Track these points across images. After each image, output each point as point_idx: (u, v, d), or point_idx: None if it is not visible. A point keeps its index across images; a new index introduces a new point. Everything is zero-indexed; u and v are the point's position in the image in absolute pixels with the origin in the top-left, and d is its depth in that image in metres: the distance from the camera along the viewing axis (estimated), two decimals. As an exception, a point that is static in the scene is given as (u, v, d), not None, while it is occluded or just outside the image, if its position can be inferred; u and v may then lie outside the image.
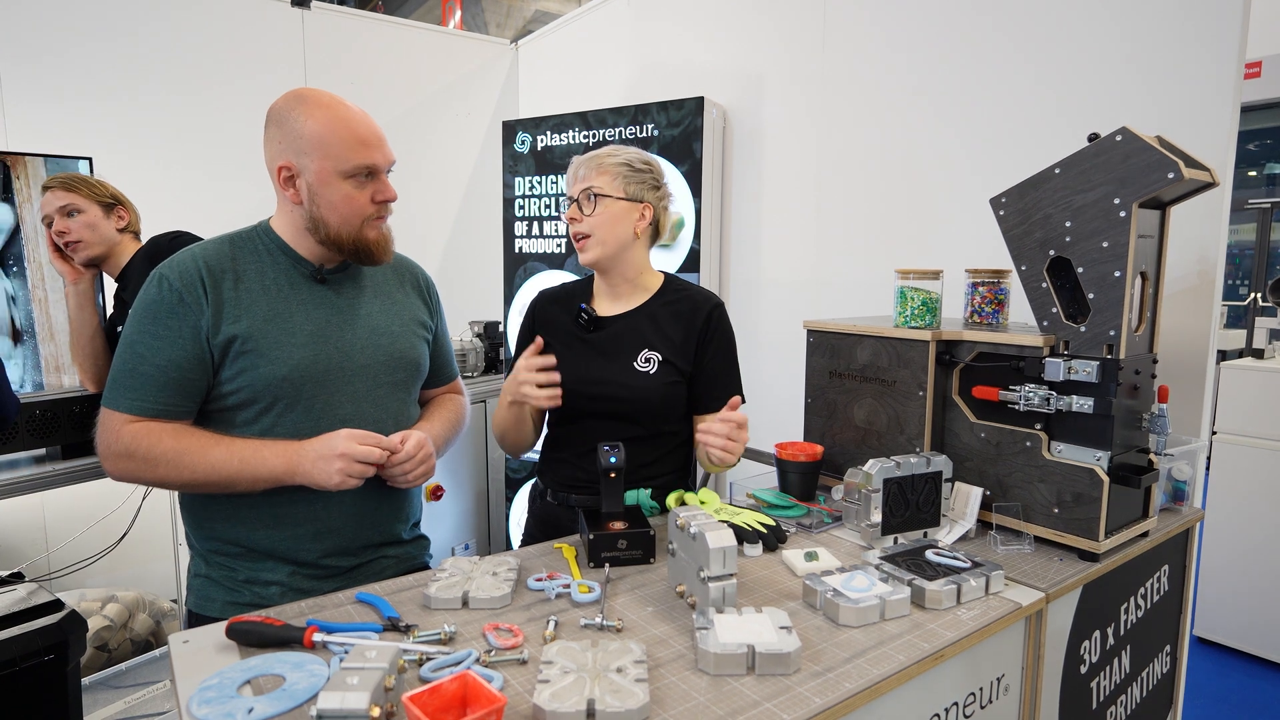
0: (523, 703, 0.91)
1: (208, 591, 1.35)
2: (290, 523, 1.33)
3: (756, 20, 2.66)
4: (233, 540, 1.34)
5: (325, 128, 1.27)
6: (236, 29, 2.94)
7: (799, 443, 1.74)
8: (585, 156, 1.57)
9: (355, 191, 1.31)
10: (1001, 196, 1.45)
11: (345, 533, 1.37)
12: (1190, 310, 1.70)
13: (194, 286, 1.26)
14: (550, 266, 3.10)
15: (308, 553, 1.35)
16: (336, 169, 1.28)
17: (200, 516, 1.36)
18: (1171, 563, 1.63)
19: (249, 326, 1.28)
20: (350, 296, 1.40)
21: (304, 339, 1.32)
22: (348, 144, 1.28)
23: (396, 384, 1.43)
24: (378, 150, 1.32)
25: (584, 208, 1.54)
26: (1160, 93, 1.73)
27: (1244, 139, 6.30)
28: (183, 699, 0.91)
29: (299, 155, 1.28)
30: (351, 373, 1.36)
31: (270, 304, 1.31)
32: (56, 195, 2.01)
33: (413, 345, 1.47)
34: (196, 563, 1.40)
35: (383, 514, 1.42)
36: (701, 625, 1.04)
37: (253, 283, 1.31)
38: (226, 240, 1.35)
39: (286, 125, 1.28)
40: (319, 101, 1.29)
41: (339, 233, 1.32)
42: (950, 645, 1.08)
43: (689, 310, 1.59)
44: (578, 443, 1.57)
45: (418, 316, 1.51)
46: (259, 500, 1.31)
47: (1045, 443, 1.40)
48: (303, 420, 1.31)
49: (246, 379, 1.28)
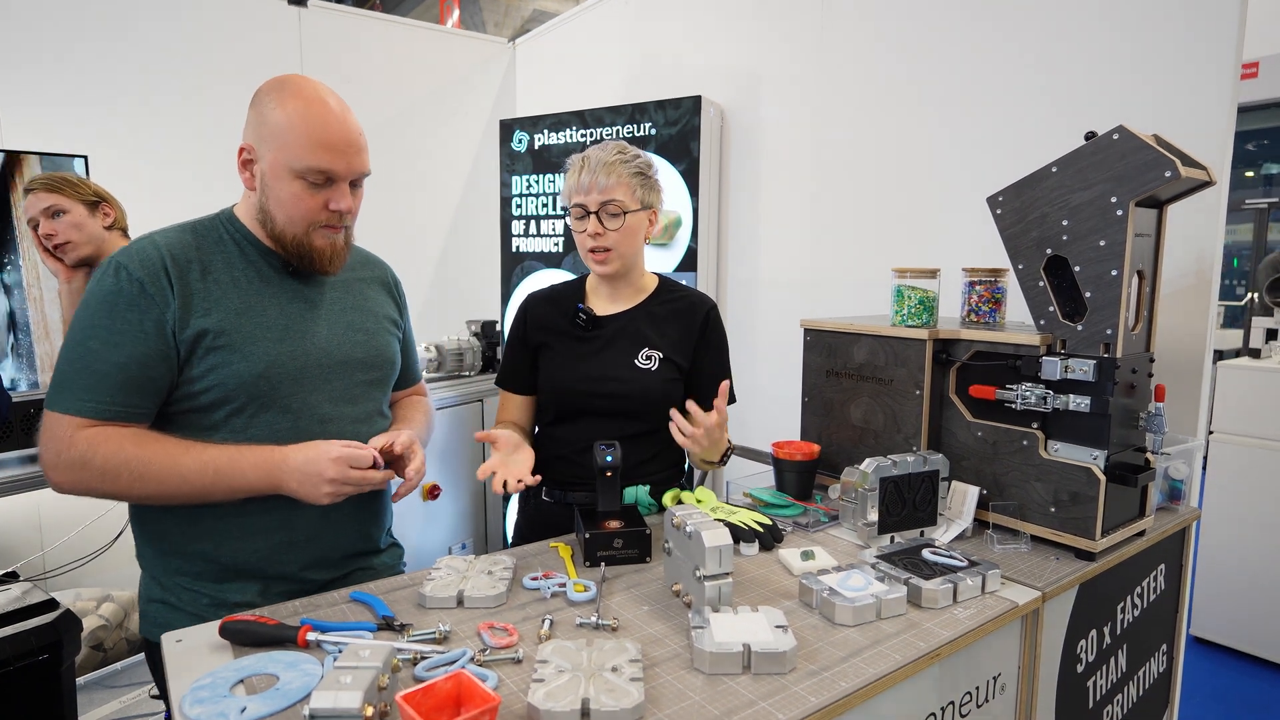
0: (517, 702, 0.91)
1: (166, 619, 1.22)
2: (262, 532, 1.24)
3: (754, 19, 2.66)
4: (195, 556, 1.23)
5: (290, 120, 1.19)
6: (233, 27, 2.93)
7: (796, 442, 1.74)
8: (596, 161, 1.50)
9: (305, 193, 1.21)
10: (998, 195, 1.45)
11: (324, 541, 1.29)
12: (1187, 309, 1.70)
13: (157, 276, 1.16)
14: (547, 265, 3.10)
15: (284, 566, 1.26)
16: (289, 164, 1.19)
17: (155, 529, 1.25)
18: (1168, 562, 1.63)
19: (220, 320, 1.19)
20: (321, 291, 1.33)
21: (279, 334, 1.24)
22: (307, 143, 1.19)
23: (373, 382, 1.37)
24: (340, 157, 1.22)
25: (606, 222, 1.50)
26: (1157, 92, 1.72)
27: (1241, 139, 6.29)
28: (175, 698, 0.91)
29: (259, 140, 1.21)
30: (329, 370, 1.29)
31: (241, 296, 1.22)
32: (40, 197, 2.00)
33: (388, 343, 1.41)
34: (150, 586, 1.27)
35: (363, 519, 1.35)
36: (697, 624, 1.04)
37: (221, 274, 1.22)
38: (187, 229, 1.25)
39: (259, 107, 1.22)
40: (298, 92, 1.21)
41: (283, 231, 1.24)
42: (946, 644, 1.07)
43: (686, 310, 1.62)
44: (577, 440, 1.57)
45: (389, 314, 1.44)
46: (226, 509, 1.21)
47: (1042, 442, 1.40)
48: (279, 421, 1.23)
49: (218, 377, 1.18)
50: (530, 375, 1.63)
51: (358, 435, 1.28)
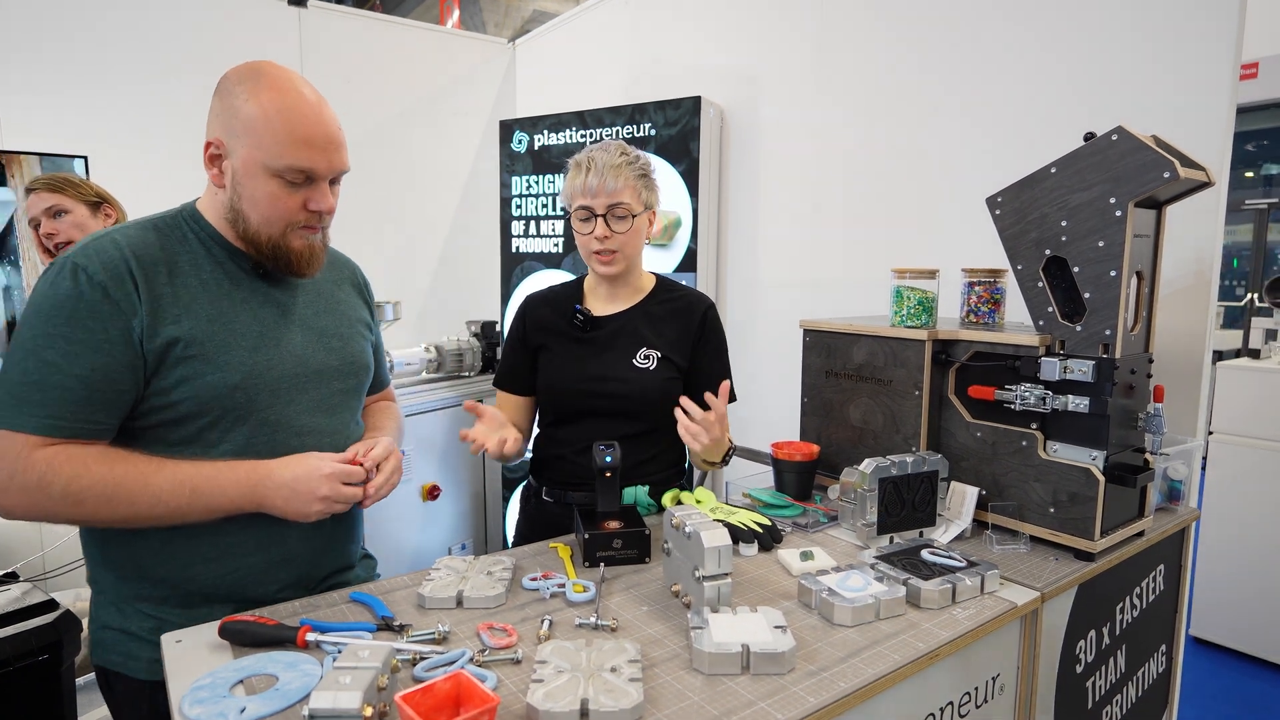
0: (517, 702, 0.91)
1: (128, 648, 1.14)
2: (239, 554, 1.16)
3: (754, 20, 2.66)
4: (161, 580, 1.14)
5: (266, 114, 1.10)
6: (233, 27, 2.93)
7: (795, 442, 1.74)
8: (602, 164, 1.49)
9: (282, 192, 1.13)
10: (997, 196, 1.45)
11: (303, 561, 1.22)
12: (1186, 310, 1.70)
13: (122, 280, 1.06)
14: (547, 266, 3.10)
15: (261, 588, 1.18)
16: (265, 162, 1.10)
17: (118, 554, 1.14)
18: (1167, 562, 1.63)
19: (192, 328, 1.10)
20: (291, 294, 1.24)
21: (254, 342, 1.16)
22: (285, 139, 1.10)
23: (349, 390, 1.30)
24: (320, 154, 1.13)
25: (614, 225, 1.50)
26: (1157, 92, 1.73)
27: (1241, 140, 6.25)
28: (175, 699, 0.91)
29: (230, 135, 1.11)
30: (306, 379, 1.21)
31: (212, 302, 1.14)
32: (42, 197, 1.99)
33: (362, 349, 1.34)
34: (106, 612, 1.17)
35: (339, 536, 1.29)
36: (696, 624, 1.04)
37: (188, 276, 1.13)
38: (149, 226, 1.14)
39: (228, 98, 1.12)
40: (271, 83, 1.11)
41: (258, 232, 1.15)
42: (945, 645, 1.08)
43: (684, 309, 1.62)
44: (577, 441, 1.57)
45: (361, 316, 1.38)
46: (199, 529, 1.12)
47: (1041, 442, 1.40)
48: (255, 434, 1.15)
49: (191, 389, 1.09)
50: (529, 376, 1.64)
51: (335, 446, 1.22)
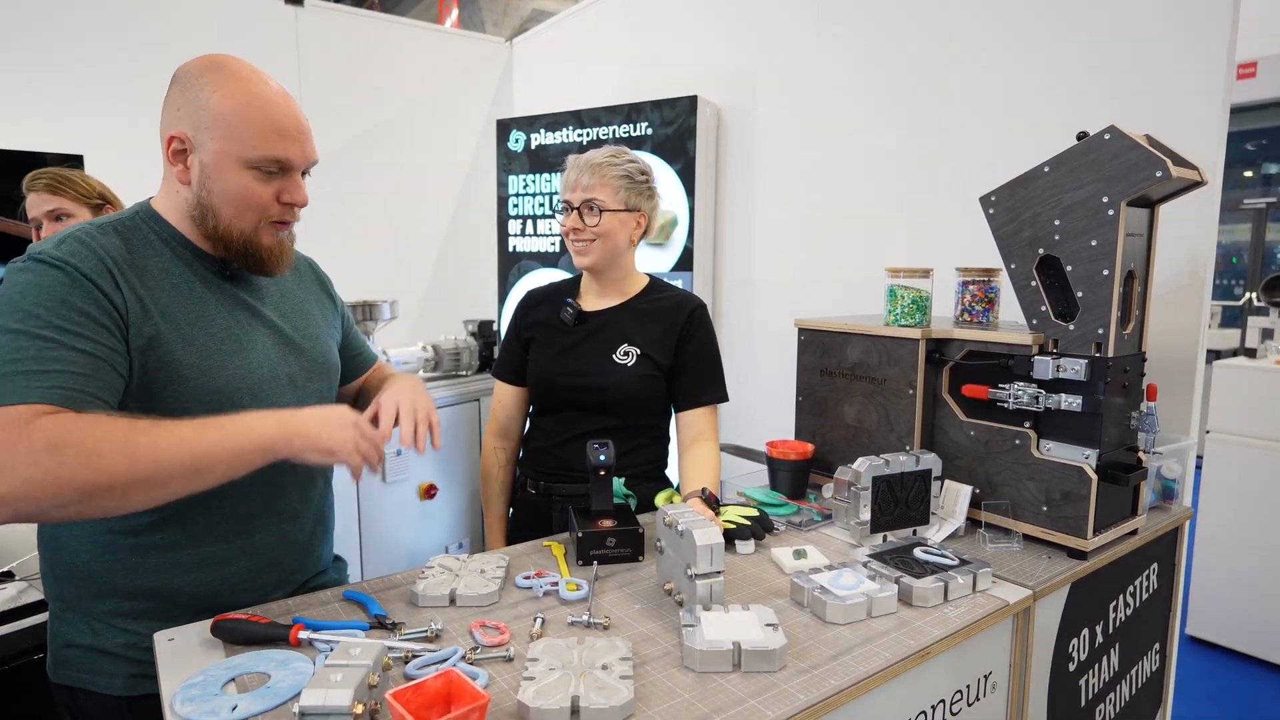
0: (508, 700, 0.91)
1: (99, 665, 1.10)
2: (218, 561, 1.14)
3: (750, 19, 2.66)
4: (135, 593, 1.10)
5: (235, 105, 1.07)
6: (229, 26, 2.93)
7: (790, 441, 1.74)
8: (585, 162, 1.58)
9: (257, 185, 1.10)
10: (991, 195, 1.46)
11: (286, 565, 1.22)
12: (1180, 309, 1.71)
13: (103, 275, 1.02)
14: (544, 265, 3.10)
15: (242, 595, 1.16)
16: (239, 155, 1.07)
17: (92, 567, 1.10)
18: (1161, 561, 1.63)
19: (169, 331, 1.06)
20: (260, 296, 1.22)
21: (232, 346, 1.13)
22: (259, 130, 1.08)
23: (322, 392, 1.27)
24: (295, 144, 1.11)
25: (585, 218, 1.57)
26: (1150, 91, 1.73)
27: (1240, 139, 6.23)
28: (166, 697, 0.91)
29: (197, 129, 1.08)
30: (282, 383, 1.19)
31: (186, 305, 1.10)
32: (43, 198, 1.93)
33: (331, 349, 1.33)
34: (76, 629, 1.12)
35: (317, 538, 1.29)
36: (688, 622, 1.04)
37: (159, 279, 1.09)
38: (109, 229, 1.09)
39: (190, 91, 1.08)
40: (235, 73, 1.09)
41: (229, 228, 1.11)
42: (937, 642, 1.08)
43: (671, 308, 1.65)
44: (556, 433, 1.63)
45: (326, 314, 1.36)
46: (177, 538, 1.10)
47: (1034, 441, 1.41)
48: None
49: (174, 393, 1.06)
50: (523, 368, 1.70)
51: None
